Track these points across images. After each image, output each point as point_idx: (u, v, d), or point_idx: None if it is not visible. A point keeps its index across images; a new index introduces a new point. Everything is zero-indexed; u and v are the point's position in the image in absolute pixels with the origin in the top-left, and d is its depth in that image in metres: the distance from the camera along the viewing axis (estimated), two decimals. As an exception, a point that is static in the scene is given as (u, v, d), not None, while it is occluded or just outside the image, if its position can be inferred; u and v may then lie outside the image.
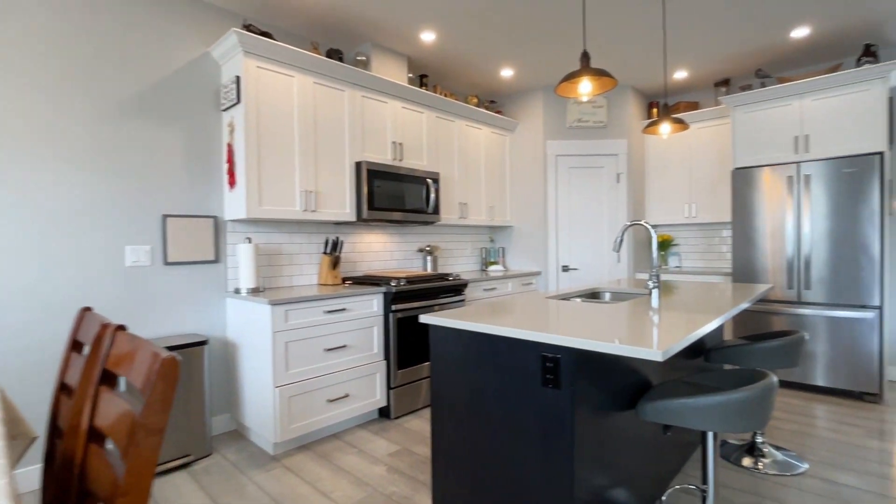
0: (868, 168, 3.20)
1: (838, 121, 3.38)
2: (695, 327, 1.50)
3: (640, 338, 1.35)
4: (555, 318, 1.70)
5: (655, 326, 1.54)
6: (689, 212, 4.41)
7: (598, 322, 1.62)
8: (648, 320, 1.66)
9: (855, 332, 3.27)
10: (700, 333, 1.48)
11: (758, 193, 3.65)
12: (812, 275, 3.42)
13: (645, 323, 1.61)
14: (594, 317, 1.73)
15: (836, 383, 3.34)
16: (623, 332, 1.43)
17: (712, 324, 1.62)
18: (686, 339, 1.36)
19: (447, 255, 4.37)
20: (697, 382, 1.78)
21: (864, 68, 3.24)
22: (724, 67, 4.05)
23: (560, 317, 1.74)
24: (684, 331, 1.45)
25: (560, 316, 1.76)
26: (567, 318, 1.72)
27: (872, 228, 3.19)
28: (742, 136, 3.80)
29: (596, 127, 4.43)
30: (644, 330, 1.48)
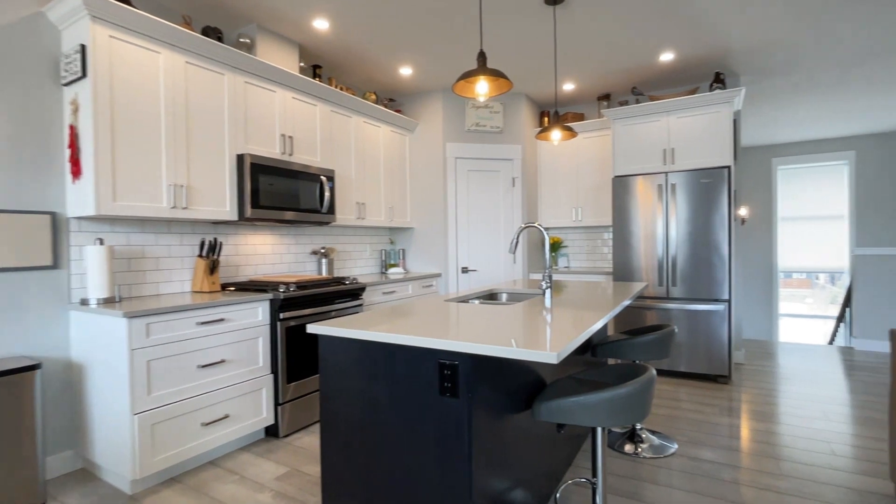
0: (719, 179, 3.67)
1: (696, 137, 3.84)
2: (585, 326, 1.54)
3: (536, 340, 1.34)
4: (453, 323, 1.64)
5: (549, 326, 1.56)
6: (576, 216, 4.72)
7: (496, 325, 1.59)
8: (543, 321, 1.68)
9: (710, 323, 3.73)
10: (590, 332, 1.52)
11: (634, 199, 4.00)
12: (678, 273, 3.84)
13: (540, 324, 1.62)
14: (492, 319, 1.71)
15: (696, 369, 3.78)
16: (520, 335, 1.41)
17: (600, 322, 1.68)
18: (577, 339, 1.38)
19: (344, 258, 4.16)
20: (586, 378, 1.85)
21: (715, 93, 3.72)
22: (606, 83, 4.40)
23: (458, 321, 1.68)
24: (576, 330, 1.48)
25: (458, 320, 1.71)
26: (465, 322, 1.67)
27: (723, 232, 3.67)
28: (621, 146, 4.15)
29: (493, 132, 4.55)
30: (539, 331, 1.48)
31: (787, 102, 5.02)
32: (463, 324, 1.62)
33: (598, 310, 1.94)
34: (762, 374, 3.97)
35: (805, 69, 4.05)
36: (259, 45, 3.14)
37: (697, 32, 3.36)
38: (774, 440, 2.66)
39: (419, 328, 1.53)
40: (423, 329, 1.52)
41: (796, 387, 3.62)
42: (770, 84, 4.43)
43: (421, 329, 1.52)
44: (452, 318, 1.73)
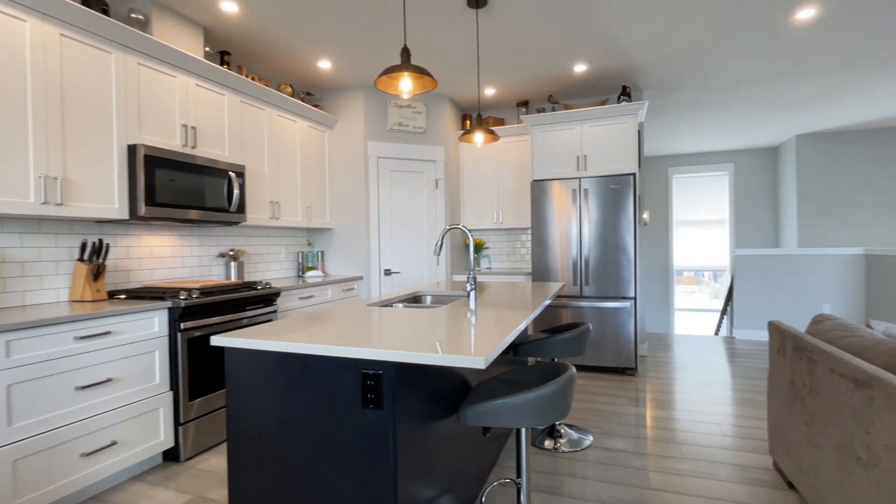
0: (626, 186, 3.94)
1: (606, 146, 4.09)
2: (510, 328, 1.54)
3: (463, 344, 1.31)
4: (376, 329, 1.56)
5: (475, 329, 1.53)
6: (497, 218, 4.83)
7: (421, 330, 1.54)
8: (469, 324, 1.65)
9: (618, 319, 3.99)
10: (514, 334, 1.52)
11: (550, 203, 4.18)
12: (590, 273, 4.06)
13: (466, 327, 1.59)
14: (417, 324, 1.65)
15: (607, 362, 4.03)
16: (446, 340, 1.37)
17: (523, 324, 1.70)
18: (503, 342, 1.36)
19: (256, 261, 3.87)
20: (510, 379, 1.86)
21: (622, 105, 4.00)
22: (525, 90, 4.55)
23: (381, 327, 1.61)
24: (501, 333, 1.47)
25: (381, 326, 1.63)
26: (388, 327, 1.59)
27: (630, 235, 3.95)
28: (538, 152, 4.31)
29: (416, 132, 4.50)
30: (466, 335, 1.45)
31: (681, 118, 5.55)
32: (386, 329, 1.55)
33: (521, 310, 1.97)
34: (663, 364, 4.34)
35: (695, 89, 4.50)
36: (155, 24, 2.80)
37: (606, 47, 3.58)
38: (675, 426, 2.89)
39: (340, 336, 1.43)
40: (343, 337, 1.42)
41: (691, 375, 3.99)
42: (668, 100, 4.86)
43: (341, 337, 1.42)
44: (375, 324, 1.65)
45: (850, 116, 5.62)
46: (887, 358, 1.54)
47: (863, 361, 1.52)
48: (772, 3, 2.96)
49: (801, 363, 1.94)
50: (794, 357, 2.01)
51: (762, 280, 5.35)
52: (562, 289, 4.12)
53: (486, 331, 1.53)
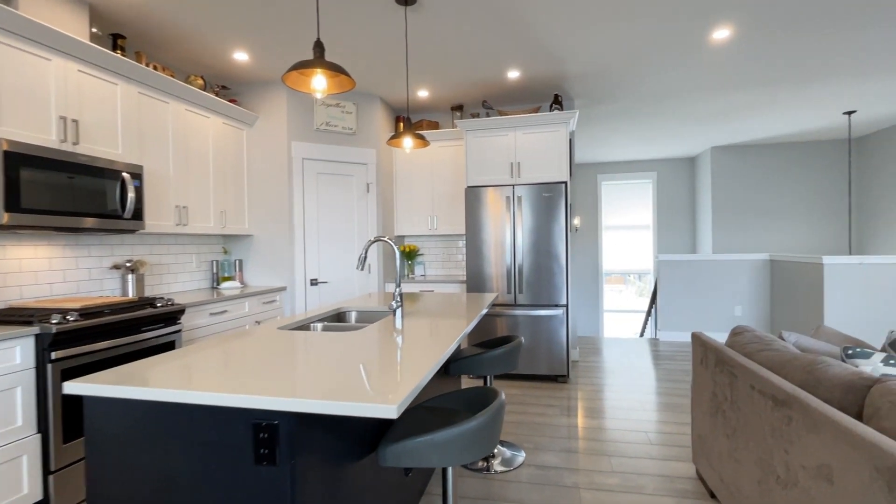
0: (558, 194, 3.95)
1: (539, 153, 4.09)
2: (429, 364, 1.39)
3: (375, 385, 1.14)
4: (279, 365, 1.35)
5: (398, 362, 1.37)
6: (432, 224, 4.69)
7: (333, 364, 1.35)
8: (391, 353, 1.48)
9: (551, 327, 3.99)
10: (431, 373, 1.38)
11: (485, 210, 4.10)
12: (524, 280, 4.04)
13: (387, 359, 1.42)
14: (329, 356, 1.45)
15: (540, 370, 4.02)
16: (358, 378, 1.19)
17: (447, 352, 1.56)
18: (416, 386, 1.21)
19: (161, 272, 3.45)
20: (436, 406, 1.72)
21: (555, 113, 4.01)
22: (459, 94, 4.45)
23: (286, 361, 1.39)
24: (420, 369, 1.32)
25: (286, 360, 1.41)
26: (294, 362, 1.39)
27: (562, 243, 3.96)
28: (473, 157, 4.22)
29: (345, 133, 4.25)
30: (382, 371, 1.28)
31: (610, 127, 5.73)
32: (291, 366, 1.34)
33: (449, 331, 1.83)
34: (593, 369, 4.41)
35: (623, 100, 4.64)
36: (23, -4, 2.37)
37: (539, 54, 3.56)
38: (605, 436, 2.89)
39: (231, 377, 1.21)
40: (235, 379, 1.20)
41: (619, 379, 4.07)
42: (598, 110, 4.98)
43: (233, 379, 1.20)
44: (279, 358, 1.44)
45: (758, 131, 6.09)
46: (803, 375, 1.57)
47: (782, 380, 1.54)
48: (693, 22, 3.06)
49: (723, 377, 1.96)
50: (716, 370, 2.03)
51: (683, 284, 5.64)
52: (495, 300, 4.07)
53: (408, 363, 1.37)
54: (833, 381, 1.46)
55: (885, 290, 4.20)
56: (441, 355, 1.46)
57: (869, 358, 1.72)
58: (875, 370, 1.68)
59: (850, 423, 1.17)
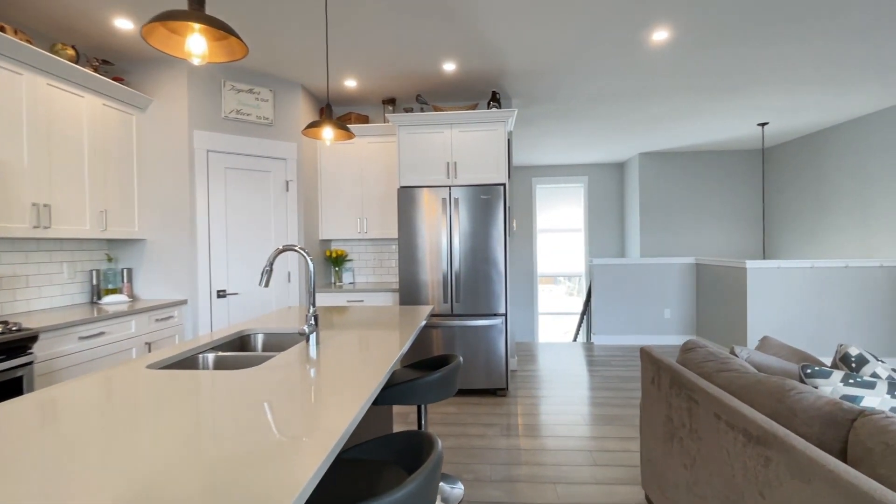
0: (497, 196, 3.73)
1: (477, 153, 3.84)
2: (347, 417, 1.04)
3: (262, 475, 0.77)
4: (113, 445, 0.93)
5: (293, 423, 1.00)
6: (361, 227, 4.29)
7: (201, 431, 0.95)
8: (290, 406, 1.11)
9: (490, 337, 3.76)
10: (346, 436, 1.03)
11: (419, 213, 3.78)
12: (461, 289, 3.77)
13: (283, 417, 1.05)
14: (200, 420, 1.05)
15: (478, 385, 3.77)
16: (236, 469, 0.81)
17: (367, 400, 1.21)
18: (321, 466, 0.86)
19: (16, 286, 2.77)
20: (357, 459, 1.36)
21: (493, 111, 3.78)
22: (391, 86, 4.10)
23: (123, 438, 0.98)
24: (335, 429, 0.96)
25: (127, 433, 0.99)
26: (138, 435, 0.97)
27: (500, 248, 3.74)
28: (406, 155, 3.89)
29: (261, 123, 3.74)
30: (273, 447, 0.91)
31: (546, 129, 5.65)
32: (131, 444, 0.93)
33: (377, 361, 1.48)
34: (532, 379, 4.24)
35: (561, 101, 4.53)
36: None
37: (475, 47, 3.30)
38: (548, 458, 2.68)
39: (13, 479, 0.78)
40: (19, 481, 0.77)
41: (558, 389, 3.93)
42: (535, 111, 4.84)
43: (16, 481, 0.77)
44: (123, 426, 1.01)
45: (682, 139, 6.31)
46: (774, 404, 1.40)
47: (754, 412, 1.36)
48: (633, 20, 2.95)
49: (680, 401, 1.79)
50: (672, 393, 1.86)
51: (615, 287, 5.68)
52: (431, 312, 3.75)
53: (317, 419, 1.00)
54: (810, 412, 1.30)
55: (799, 293, 4.42)
56: (361, 404, 1.11)
57: (828, 377, 1.61)
58: (835, 391, 1.57)
59: (854, 476, 0.99)
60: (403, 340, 1.87)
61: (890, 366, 1.71)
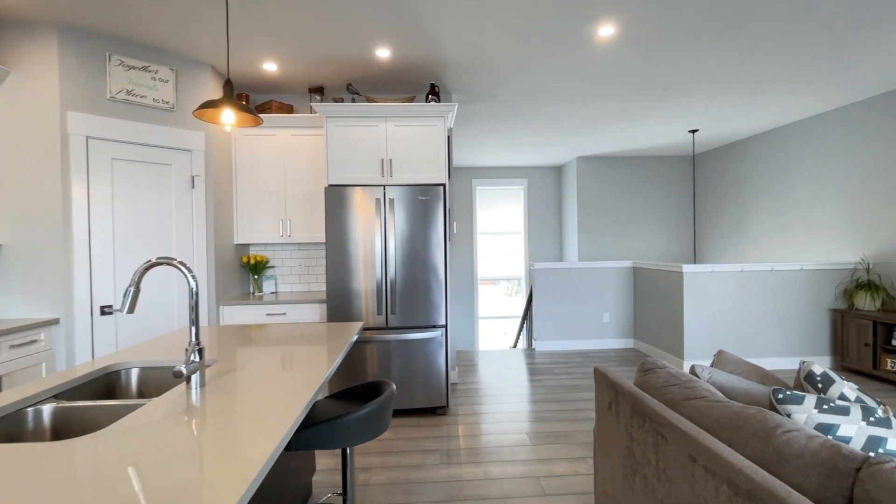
0: (436, 197, 3.42)
1: (415, 150, 3.52)
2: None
3: None
4: None
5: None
6: (285, 229, 3.82)
7: None
8: (153, 490, 0.72)
9: (429, 351, 3.44)
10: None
11: (350, 214, 3.39)
12: (397, 299, 3.42)
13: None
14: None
15: (416, 403, 3.43)
16: None
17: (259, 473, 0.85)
18: None
19: None
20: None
21: (432, 104, 3.47)
22: (319, 73, 3.67)
23: None
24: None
25: None
26: None
27: (440, 253, 3.44)
28: (335, 150, 3.48)
29: (159, 108, 3.17)
30: None
31: (486, 129, 5.44)
32: None
33: (281, 407, 1.11)
34: (473, 393, 3.98)
35: (502, 99, 4.32)
36: None
37: (411, 32, 2.98)
38: (494, 490, 2.41)
39: None
40: None
41: (501, 404, 3.70)
42: (476, 108, 4.60)
43: None
44: None
45: (618, 144, 6.37)
46: (759, 445, 1.20)
47: (740, 458, 1.14)
48: (578, 13, 2.77)
49: (644, 433, 1.57)
50: (634, 423, 1.64)
51: (556, 292, 5.59)
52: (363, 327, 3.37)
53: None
54: (803, 457, 1.10)
55: (731, 295, 4.52)
56: (249, 482, 0.75)
57: (801, 403, 1.46)
58: (810, 419, 1.41)
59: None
60: (321, 374, 1.51)
61: (845, 381, 1.60)
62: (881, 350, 4.12)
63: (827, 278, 4.60)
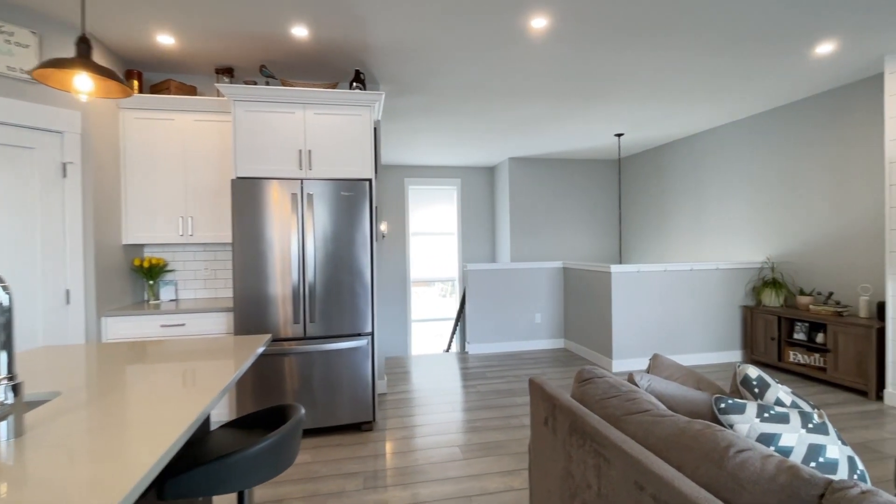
0: (361, 194, 3.14)
1: (337, 141, 3.21)
2: None
3: None
4: None
5: None
6: (185, 228, 3.34)
7: None
8: None
9: (353, 362, 3.14)
10: None
11: (263, 210, 3.01)
12: (317, 306, 3.09)
13: None
14: None
15: (338, 420, 3.12)
16: None
17: None
18: None
19: None
20: None
21: (356, 92, 3.19)
22: (227, 52, 3.24)
23: None
24: None
25: None
26: None
27: (366, 255, 3.16)
28: (245, 139, 3.08)
29: (15, 78, 2.61)
30: None
31: (417, 126, 5.21)
32: None
33: (136, 458, 0.80)
34: (403, 404, 3.73)
35: (432, 93, 4.12)
36: None
37: (330, 6, 2.68)
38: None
39: None
40: None
41: (433, 415, 3.48)
42: (406, 102, 4.36)
43: None
44: None
45: (549, 146, 6.42)
46: (711, 469, 1.07)
47: (699, 491, 1.00)
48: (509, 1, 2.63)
49: (585, 454, 1.41)
50: (573, 442, 1.48)
51: (489, 293, 5.49)
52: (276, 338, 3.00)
53: None
54: (760, 484, 0.98)
55: (655, 294, 4.65)
56: None
57: (743, 412, 1.38)
58: (752, 429, 1.34)
59: None
60: (202, 403, 1.19)
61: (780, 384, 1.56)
62: (785, 343, 4.42)
63: (738, 277, 4.88)
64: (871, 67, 3.70)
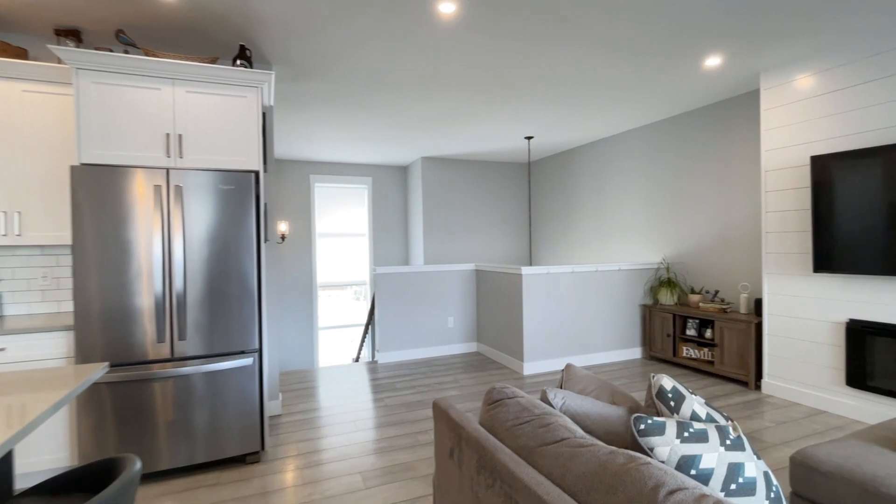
0: (245, 188, 2.70)
1: (215, 126, 2.73)
2: None
3: None
4: None
5: None
6: (12, 226, 2.64)
7: None
8: None
9: (237, 384, 2.69)
10: None
11: (116, 205, 2.45)
12: (188, 320, 2.59)
13: None
14: None
15: (217, 454, 2.64)
16: None
17: None
18: None
19: None
20: None
21: (240, 69, 2.74)
22: (73, 11, 2.62)
23: None
24: None
25: None
26: None
27: (251, 258, 2.72)
28: (93, 117, 2.50)
29: None
30: None
31: (320, 118, 4.79)
32: None
33: None
34: (301, 425, 3.32)
35: (332, 80, 3.75)
36: None
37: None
38: (311, 568, 1.84)
39: None
40: None
41: (334, 437, 3.12)
42: (304, 89, 3.93)
43: None
44: None
45: (461, 146, 6.31)
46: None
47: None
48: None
49: (494, 496, 1.19)
50: (481, 481, 1.25)
51: (400, 298, 5.21)
52: (104, 371, 2.46)
53: None
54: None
55: (564, 295, 4.69)
56: None
57: (663, 433, 1.26)
58: (674, 451, 1.22)
59: None
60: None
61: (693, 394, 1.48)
62: (679, 339, 4.68)
63: (638, 277, 5.10)
64: (751, 82, 4.01)
